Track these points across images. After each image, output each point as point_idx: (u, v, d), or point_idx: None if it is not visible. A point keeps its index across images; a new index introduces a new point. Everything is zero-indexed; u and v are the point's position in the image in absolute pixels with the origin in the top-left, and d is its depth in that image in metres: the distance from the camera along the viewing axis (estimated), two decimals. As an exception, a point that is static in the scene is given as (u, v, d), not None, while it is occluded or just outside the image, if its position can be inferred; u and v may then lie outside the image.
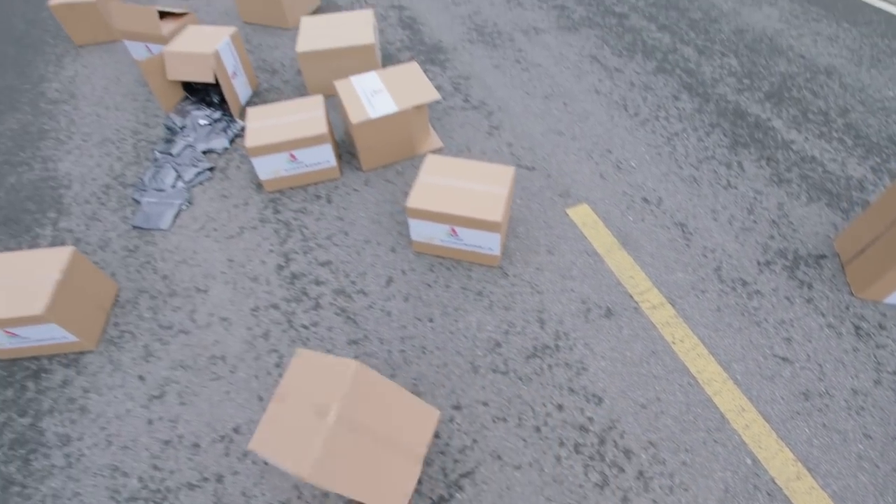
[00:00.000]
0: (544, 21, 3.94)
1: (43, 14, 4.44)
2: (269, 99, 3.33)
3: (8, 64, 3.90)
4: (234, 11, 4.22)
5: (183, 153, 2.91)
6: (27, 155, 3.12)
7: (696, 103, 3.24)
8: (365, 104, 2.54)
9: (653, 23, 3.93)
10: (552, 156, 2.90)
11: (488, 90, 3.31)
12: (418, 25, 3.90)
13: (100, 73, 3.72)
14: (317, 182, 2.74)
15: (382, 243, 2.47)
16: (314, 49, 2.97)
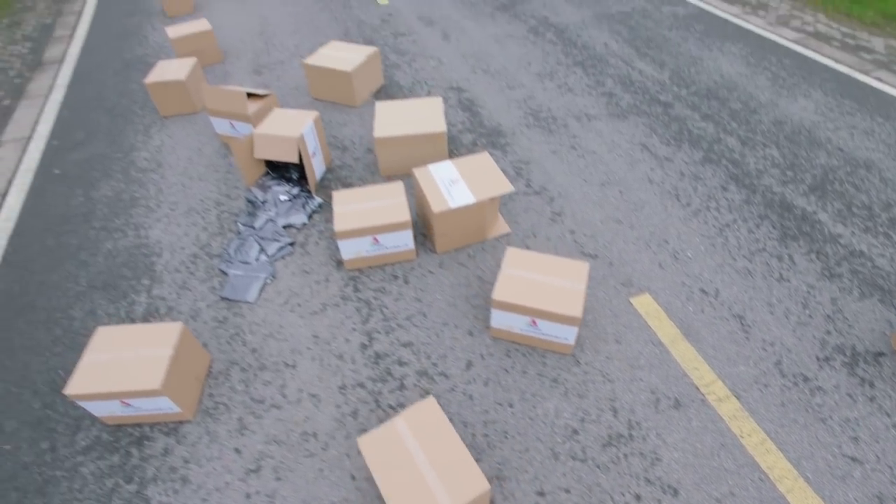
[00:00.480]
0: (595, 107, 4.22)
1: (132, 86, 4.84)
2: (342, 175, 3.58)
3: (101, 132, 4.25)
4: (304, 87, 4.58)
5: (265, 227, 3.14)
6: (121, 222, 3.37)
7: (744, 194, 3.43)
8: (444, 194, 2.76)
9: (696, 112, 4.19)
10: (613, 244, 3.07)
11: (548, 176, 3.53)
12: (477, 108, 4.19)
13: (183, 143, 4.03)
14: (394, 262, 2.93)
15: (460, 326, 2.62)
16: (391, 135, 3.24)
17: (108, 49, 5.59)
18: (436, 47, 5.11)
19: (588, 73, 4.69)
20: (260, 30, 5.70)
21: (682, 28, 5.56)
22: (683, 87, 4.51)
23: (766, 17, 5.93)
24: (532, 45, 5.12)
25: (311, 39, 5.39)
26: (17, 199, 3.68)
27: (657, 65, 4.83)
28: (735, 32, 5.51)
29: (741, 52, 5.09)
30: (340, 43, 4.34)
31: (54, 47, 5.80)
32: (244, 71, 4.92)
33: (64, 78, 5.13)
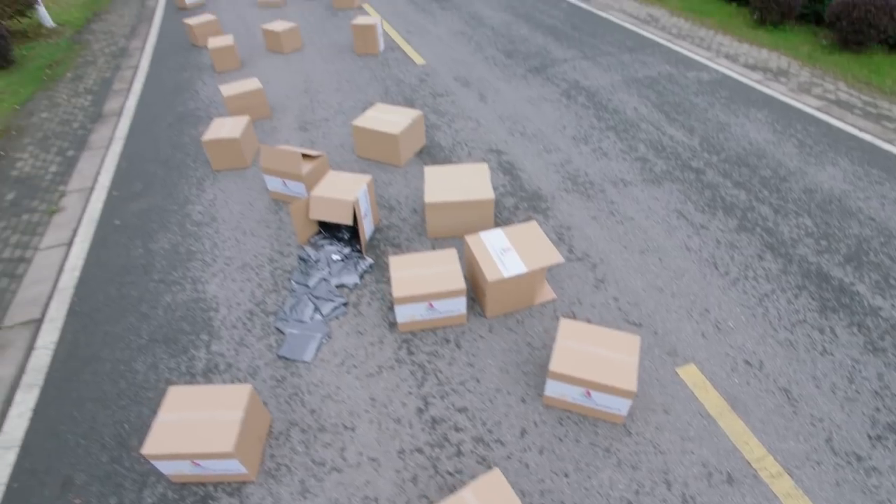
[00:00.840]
0: (629, 173, 4.38)
1: (184, 139, 5.13)
2: (390, 236, 3.74)
3: (158, 184, 4.48)
4: (349, 145, 4.81)
5: (319, 286, 3.27)
6: (179, 275, 3.53)
7: (781, 264, 3.51)
8: (497, 262, 2.88)
9: (728, 179, 4.33)
10: (656, 312, 3.16)
11: (589, 241, 3.66)
12: (517, 171, 4.38)
13: (235, 198, 4.24)
14: (445, 325, 3.03)
15: (513, 393, 2.69)
16: (441, 201, 3.40)
17: (163, 103, 5.94)
18: (473, 108, 5.37)
19: (621, 137, 4.89)
20: (304, 87, 6.03)
21: (708, 94, 5.79)
22: (714, 153, 4.67)
23: (787, 84, 6.16)
24: (565, 109, 5.36)
25: (353, 97, 5.69)
26: (82, 248, 3.87)
27: (687, 130, 5.02)
28: (759, 99, 5.72)
29: (767, 119, 5.27)
30: (385, 105, 4.59)
31: (113, 100, 6.17)
32: (290, 127, 5.19)
33: (122, 130, 5.44)
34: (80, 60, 7.44)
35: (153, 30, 8.50)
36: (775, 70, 6.52)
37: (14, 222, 4.26)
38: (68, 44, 8.06)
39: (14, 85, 6.66)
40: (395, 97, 5.63)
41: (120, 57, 7.49)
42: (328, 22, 8.23)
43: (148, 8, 9.73)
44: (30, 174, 4.88)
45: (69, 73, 7.02)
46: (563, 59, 6.58)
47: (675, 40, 7.37)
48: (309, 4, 9.19)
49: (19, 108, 6.12)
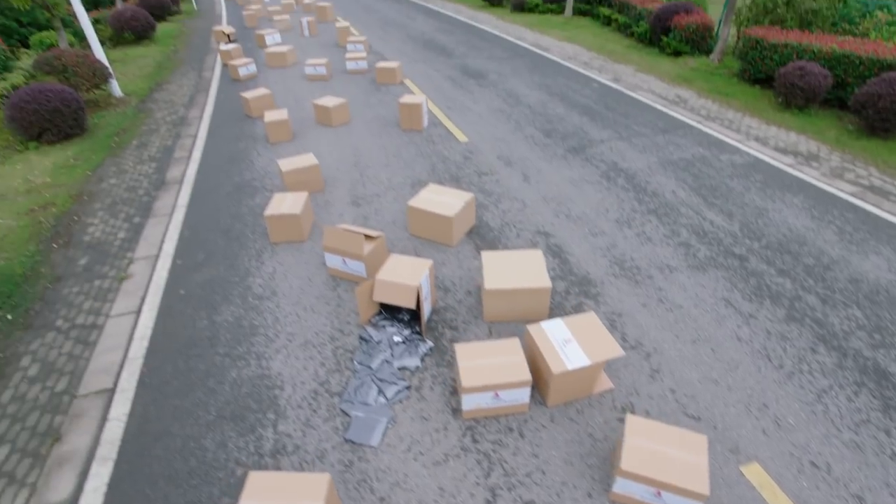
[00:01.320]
0: (674, 258, 4.51)
1: (242, 209, 5.43)
2: (447, 318, 3.86)
3: (219, 254, 4.72)
4: (401, 223, 5.04)
5: (382, 368, 3.38)
6: (243, 350, 3.67)
7: (835, 358, 3.53)
8: (560, 354, 2.97)
9: (772, 267, 4.42)
10: (713, 406, 3.18)
11: (641, 330, 3.74)
12: (565, 255, 4.53)
13: (294, 272, 4.44)
14: (507, 414, 3.09)
15: (579, 487, 2.71)
16: (499, 288, 3.55)
17: (221, 172, 6.32)
18: (518, 189, 5.62)
19: (662, 221, 5.05)
20: (354, 160, 6.38)
21: (743, 177, 5.99)
22: (755, 239, 4.79)
23: (819, 169, 6.34)
24: (606, 191, 5.57)
25: (401, 173, 6.00)
26: (150, 317, 4.06)
27: (726, 215, 5.18)
28: (793, 183, 5.89)
29: (803, 205, 5.41)
30: (438, 186, 4.85)
31: (175, 168, 6.58)
32: (343, 202, 5.47)
33: (184, 198, 5.78)
34: (144, 128, 7.99)
35: (210, 100, 9.13)
36: (805, 154, 6.73)
37: (87, 288, 4.49)
38: (134, 112, 8.69)
39: (87, 151, 7.16)
40: (442, 175, 5.93)
41: (180, 125, 8.04)
42: (373, 96, 8.77)
43: (204, 79, 10.49)
44: (100, 240, 5.18)
45: (135, 141, 7.53)
46: (599, 139, 6.89)
47: (704, 122, 7.68)
48: (354, 78, 9.83)
49: (91, 173, 6.56)
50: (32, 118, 7.08)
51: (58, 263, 4.84)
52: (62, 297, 4.40)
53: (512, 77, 9.68)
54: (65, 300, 4.36)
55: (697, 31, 10.61)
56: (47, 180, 6.42)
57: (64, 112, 7.28)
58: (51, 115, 7.18)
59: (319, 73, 9.74)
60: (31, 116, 7.07)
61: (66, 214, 5.66)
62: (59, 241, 5.19)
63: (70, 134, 7.53)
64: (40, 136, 7.27)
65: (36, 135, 7.23)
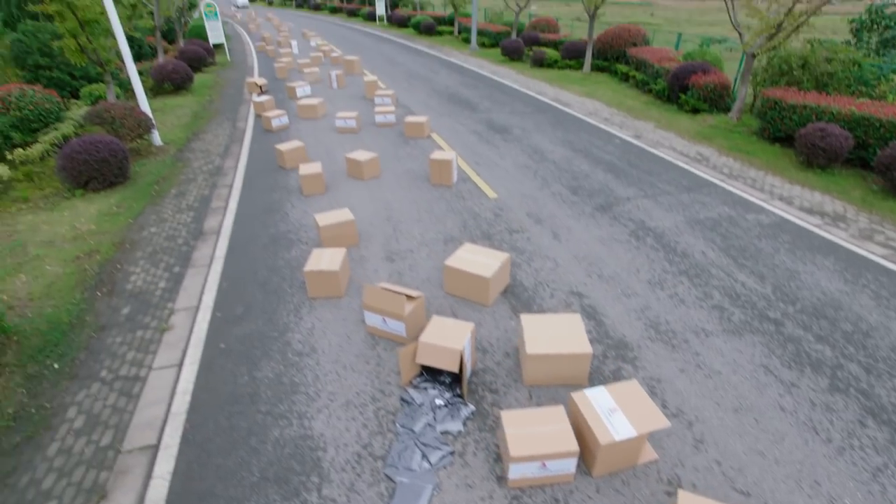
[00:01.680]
0: (709, 322, 4.51)
1: (279, 262, 5.58)
2: (487, 380, 3.89)
3: (257, 308, 4.83)
4: (435, 280, 5.13)
5: (425, 432, 3.39)
6: (285, 408, 3.71)
7: (887, 433, 3.46)
8: (606, 424, 2.97)
9: (809, 332, 4.40)
10: (763, 481, 3.12)
11: (681, 397, 3.72)
12: (600, 316, 4.57)
13: (332, 329, 4.52)
14: (553, 483, 3.07)
15: (631, 570, 2.65)
16: (541, 353, 3.58)
17: (256, 223, 6.53)
18: (549, 247, 5.72)
19: (694, 283, 5.09)
20: (386, 215, 6.56)
21: (771, 238, 6.04)
22: (789, 303, 4.79)
23: (847, 230, 6.37)
24: (636, 251, 5.65)
25: (433, 229, 6.15)
26: (191, 370, 4.14)
27: (758, 277, 5.20)
28: (822, 245, 5.92)
29: (835, 267, 5.42)
30: (474, 245, 4.97)
31: (212, 218, 6.82)
32: (378, 257, 5.60)
33: (221, 249, 5.97)
34: (182, 177, 8.33)
35: (244, 150, 9.52)
36: (832, 214, 6.78)
37: (130, 338, 4.61)
38: (172, 161, 9.08)
39: (129, 199, 7.46)
40: (474, 231, 6.07)
41: (216, 175, 8.36)
42: (401, 149, 9.08)
43: (239, 129, 10.96)
44: (142, 289, 5.34)
45: (174, 189, 7.84)
46: (625, 197, 7.03)
47: (728, 180, 7.81)
48: (382, 131, 10.21)
49: (132, 221, 6.82)
50: (82, 167, 7.44)
51: (102, 312, 4.98)
52: (106, 346, 4.51)
53: (535, 132, 9.98)
54: (108, 350, 4.47)
55: (715, 90, 10.91)
56: (92, 227, 6.68)
57: (111, 162, 7.65)
58: (99, 165, 7.53)
59: (349, 125, 10.14)
60: (81, 166, 7.42)
61: (110, 262, 5.86)
62: (103, 290, 5.35)
63: (114, 182, 7.87)
64: (87, 183, 7.61)
65: (83, 183, 7.57)
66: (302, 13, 51.16)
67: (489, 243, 5.78)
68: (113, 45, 9.93)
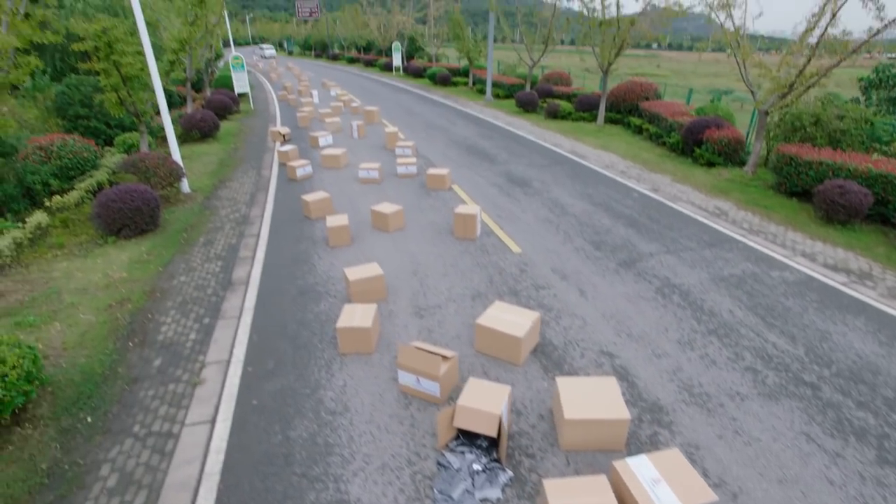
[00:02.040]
0: (743, 385, 4.47)
1: (308, 316, 5.64)
2: (522, 444, 3.85)
3: (288, 363, 4.86)
4: (465, 337, 5.15)
5: (463, 499, 3.34)
6: (320, 470, 3.68)
7: (938, 511, 3.35)
8: (651, 496, 2.92)
9: (848, 398, 4.33)
10: (817, 563, 3.02)
11: (722, 465, 3.65)
12: (632, 378, 4.54)
13: (365, 387, 4.52)
14: (598, 561, 2.99)
15: None
16: (580, 418, 3.56)
17: (284, 274, 6.64)
18: (576, 304, 5.74)
19: (724, 343, 5.06)
20: (412, 269, 6.65)
21: (797, 296, 6.02)
22: (824, 366, 4.74)
23: (876, 289, 6.34)
24: (663, 309, 5.66)
25: (460, 284, 6.21)
26: (224, 428, 4.14)
27: (788, 338, 5.16)
28: (851, 304, 5.89)
29: (867, 328, 5.37)
30: (504, 304, 5.01)
31: (240, 268, 6.95)
32: (407, 312, 5.65)
33: (251, 300, 6.06)
34: (210, 226, 8.54)
35: (269, 199, 9.78)
36: (858, 272, 6.77)
37: (162, 392, 4.64)
38: (200, 209, 9.34)
39: (158, 247, 7.65)
40: (500, 287, 6.12)
41: (243, 224, 8.57)
42: (424, 201, 9.28)
43: (263, 177, 11.29)
44: (173, 340, 5.40)
45: (202, 238, 8.03)
46: (648, 252, 7.09)
47: (749, 235, 7.86)
48: (404, 182, 10.47)
49: (162, 270, 6.97)
50: (116, 215, 7.67)
51: (134, 364, 5.03)
52: (139, 400, 4.54)
53: (555, 185, 10.18)
54: (141, 404, 4.49)
55: (730, 145, 11.14)
56: (124, 275, 6.83)
57: (144, 210, 7.89)
58: (132, 213, 7.77)
59: (372, 176, 10.42)
60: (116, 214, 7.66)
61: (141, 311, 5.95)
62: (135, 340, 5.43)
63: (145, 230, 8.09)
64: (120, 231, 7.83)
65: (116, 230, 7.79)
66: (321, 63, 53.43)
67: (516, 300, 5.83)
68: (150, 98, 10.44)
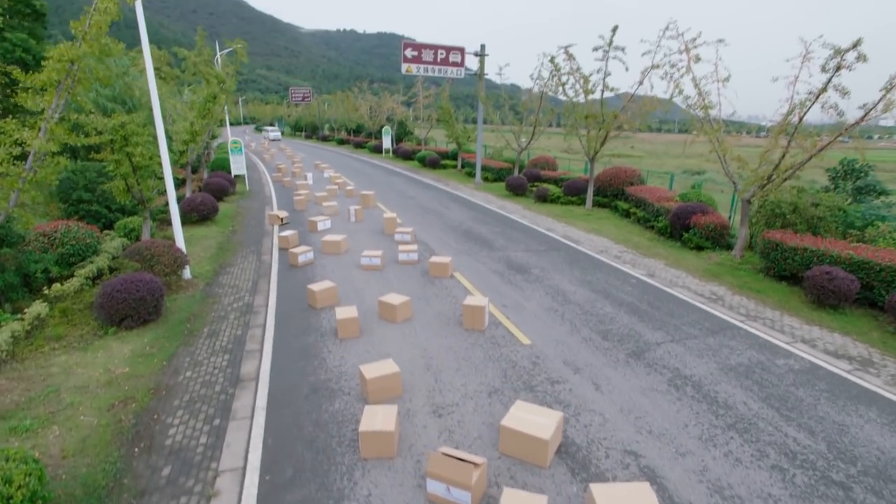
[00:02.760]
0: (773, 485, 4.44)
1: (324, 416, 5.51)
2: (562, 561, 3.70)
3: (308, 470, 4.69)
4: (488, 438, 5.07)
5: None
6: None
7: None
8: None
9: (882, 500, 4.31)
10: None
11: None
12: (661, 480, 4.48)
13: (390, 496, 4.37)
14: None
15: None
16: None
17: (295, 369, 6.53)
18: (593, 400, 5.74)
19: (745, 438, 5.07)
20: (425, 363, 6.62)
21: (807, 385, 6.12)
22: (849, 462, 4.75)
23: (879, 377, 6.49)
24: (679, 402, 5.69)
25: (475, 380, 6.18)
26: (244, 550, 3.90)
27: (808, 432, 5.20)
28: (861, 393, 6.00)
29: (881, 419, 5.45)
30: (526, 404, 5.00)
31: (248, 363, 6.83)
32: (425, 411, 5.56)
33: (262, 399, 5.91)
34: (213, 315, 8.46)
35: (272, 287, 9.79)
36: (859, 359, 6.95)
37: (173, 507, 4.39)
38: (202, 297, 9.28)
39: (161, 339, 7.51)
40: (515, 382, 6.11)
41: (247, 313, 8.52)
42: (428, 290, 9.40)
43: (264, 263, 11.36)
44: (182, 444, 5.19)
45: (206, 329, 7.93)
46: (654, 342, 7.21)
47: (747, 321, 8.08)
48: (406, 269, 10.63)
49: (166, 364, 6.81)
50: (120, 306, 7.57)
51: (140, 473, 4.80)
52: (147, 516, 4.29)
53: (554, 272, 10.45)
54: (151, 521, 4.24)
55: (716, 230, 11.70)
56: (126, 370, 6.64)
57: (148, 300, 7.82)
58: (136, 304, 7.69)
59: (374, 263, 10.58)
60: (120, 304, 7.56)
61: (146, 412, 5.75)
62: (141, 445, 5.20)
63: (147, 319, 7.97)
64: (122, 321, 7.70)
65: (118, 321, 7.66)
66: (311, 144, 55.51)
67: (533, 396, 5.81)
68: (156, 185, 10.69)
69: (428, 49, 21.46)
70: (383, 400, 5.64)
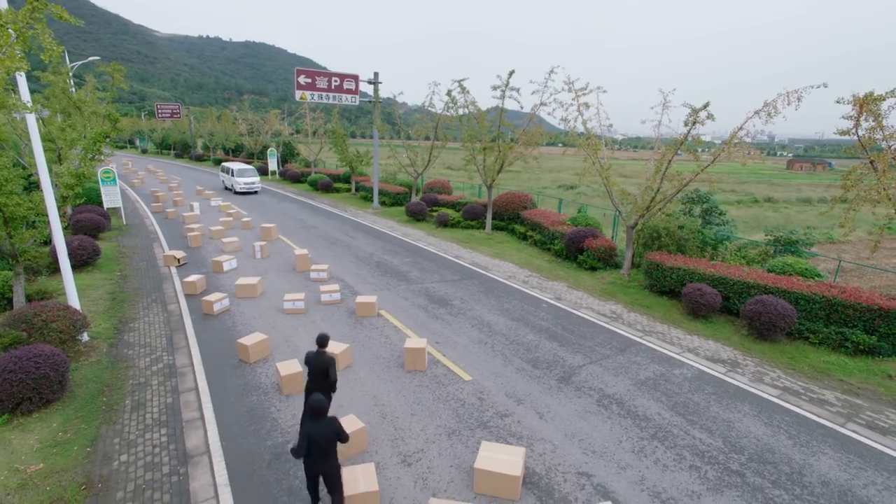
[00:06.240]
0: (693, 483, 5.47)
1: (294, 482, 5.51)
2: (551, 585, 4.27)
3: (296, 545, 4.73)
4: (458, 481, 5.50)
5: None
6: None
7: (852, 570, 4.49)
8: None
9: (765, 479, 5.55)
10: None
11: (710, 569, 4.47)
12: (613, 495, 5.29)
13: (383, 554, 4.60)
14: None
15: None
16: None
17: (247, 435, 6.36)
18: (539, 429, 6.46)
19: (665, 445, 6.13)
20: (380, 412, 6.85)
21: (699, 391, 7.48)
22: (739, 452, 5.99)
23: (744, 375, 8.12)
24: (609, 421, 6.64)
25: (431, 424, 6.55)
26: None
27: (707, 431, 6.42)
28: (735, 392, 7.48)
29: (752, 411, 6.90)
30: (491, 444, 5.55)
31: (192, 435, 6.47)
32: (393, 462, 5.82)
33: (222, 475, 5.68)
34: (131, 383, 7.77)
35: (192, 342, 9.20)
36: (728, 361, 8.59)
37: None
38: (110, 361, 8.44)
39: (74, 420, 6.74)
40: (468, 420, 6.62)
41: (172, 377, 7.96)
42: (359, 332, 9.54)
43: (173, 314, 10.57)
44: (143, 541, 4.88)
45: (127, 400, 7.28)
46: (576, 365, 8.22)
47: (645, 337, 9.50)
48: (329, 310, 10.63)
49: (91, 450, 6.18)
50: (14, 389, 6.64)
51: (102, 580, 4.46)
52: None
53: (473, 302, 11.19)
54: None
55: (606, 252, 13.40)
56: (40, 466, 5.92)
57: (52, 377, 6.95)
58: (36, 383, 6.79)
59: (298, 307, 10.45)
60: (14, 387, 6.63)
61: (85, 511, 5.26)
62: (91, 549, 4.79)
63: (51, 399, 7.09)
64: (16, 406, 6.77)
65: (11, 407, 6.72)
66: (184, 164, 51.04)
67: (488, 432, 6.37)
68: (31, 235, 9.47)
69: (322, 76, 21.36)
70: (352, 456, 5.80)
